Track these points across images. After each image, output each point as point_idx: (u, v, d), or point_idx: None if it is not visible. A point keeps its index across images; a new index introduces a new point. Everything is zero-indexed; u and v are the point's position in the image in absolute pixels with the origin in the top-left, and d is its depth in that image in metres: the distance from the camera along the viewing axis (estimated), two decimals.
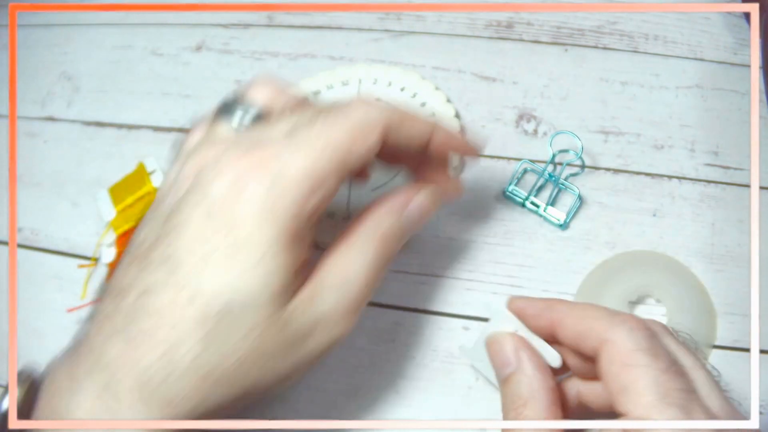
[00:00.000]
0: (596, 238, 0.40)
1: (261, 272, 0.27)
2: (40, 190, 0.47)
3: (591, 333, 0.28)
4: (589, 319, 0.28)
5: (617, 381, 0.26)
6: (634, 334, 0.27)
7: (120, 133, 0.49)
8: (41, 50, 0.54)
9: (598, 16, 0.48)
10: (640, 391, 0.25)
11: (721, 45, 0.46)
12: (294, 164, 0.28)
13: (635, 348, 0.26)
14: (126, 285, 0.28)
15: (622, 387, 0.26)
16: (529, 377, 0.29)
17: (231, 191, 0.28)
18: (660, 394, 0.25)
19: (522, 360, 0.29)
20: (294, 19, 0.52)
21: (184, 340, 0.26)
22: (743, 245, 0.39)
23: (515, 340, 0.30)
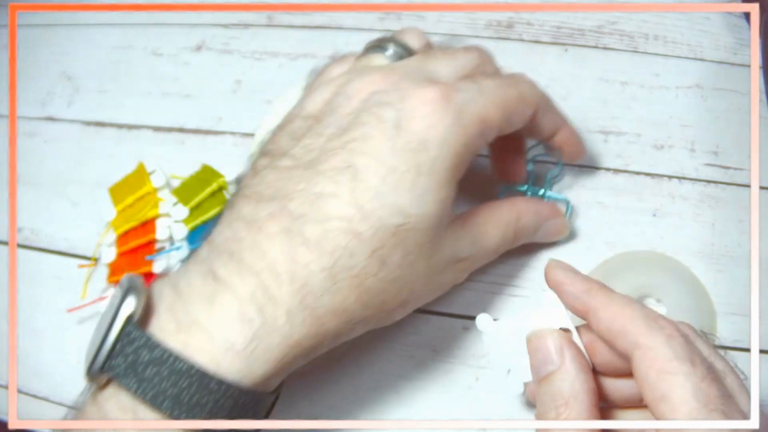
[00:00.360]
0: (596, 238, 0.40)
1: (438, 198, 0.29)
2: (40, 190, 0.47)
3: (626, 334, 0.27)
4: (626, 319, 0.27)
5: (656, 389, 0.25)
6: (671, 342, 0.26)
7: (120, 133, 0.49)
8: (41, 50, 0.54)
9: (598, 16, 0.48)
10: (681, 399, 0.25)
11: (721, 45, 0.46)
12: (475, 106, 0.30)
13: (673, 357, 0.25)
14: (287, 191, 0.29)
15: (662, 395, 0.25)
16: (572, 377, 0.27)
17: (418, 114, 0.29)
18: (701, 401, 0.24)
19: (566, 358, 0.28)
20: (294, 19, 0.52)
21: (355, 255, 0.28)
22: (743, 245, 0.39)
23: (560, 338, 0.28)
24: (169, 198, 0.43)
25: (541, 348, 0.28)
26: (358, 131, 0.29)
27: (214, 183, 0.43)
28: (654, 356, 0.26)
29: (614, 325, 0.27)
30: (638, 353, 0.26)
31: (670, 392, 0.25)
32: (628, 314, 0.27)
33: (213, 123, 0.48)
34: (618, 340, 0.27)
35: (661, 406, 0.25)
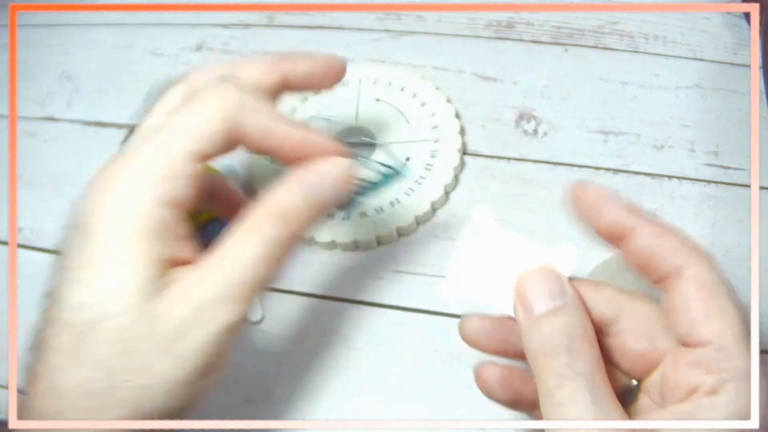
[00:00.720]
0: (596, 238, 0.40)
1: (118, 273, 0.26)
2: (40, 190, 0.47)
3: (676, 254, 0.26)
4: (675, 239, 0.26)
5: (708, 307, 0.25)
6: (713, 265, 0.26)
7: (120, 133, 0.49)
8: (41, 50, 0.54)
9: (598, 16, 0.48)
10: (731, 321, 0.24)
11: (721, 45, 0.46)
12: (141, 157, 0.28)
13: (720, 281, 0.25)
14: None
15: (711, 315, 0.25)
16: (581, 313, 0.26)
17: (90, 199, 0.28)
18: (743, 324, 0.25)
19: (574, 296, 0.26)
20: (294, 19, 0.52)
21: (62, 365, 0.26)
22: (743, 245, 0.39)
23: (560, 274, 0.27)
24: None
25: (546, 282, 0.27)
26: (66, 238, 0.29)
27: None
28: (705, 277, 0.25)
29: (665, 242, 0.26)
30: (691, 271, 0.25)
31: (721, 313, 0.24)
32: (675, 236, 0.26)
33: None
34: (666, 259, 0.26)
35: (711, 326, 0.24)
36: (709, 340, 0.24)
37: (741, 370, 0.24)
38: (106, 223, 0.26)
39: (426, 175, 0.42)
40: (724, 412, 0.24)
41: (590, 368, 0.25)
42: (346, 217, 0.41)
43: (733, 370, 0.24)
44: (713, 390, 0.24)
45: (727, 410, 0.24)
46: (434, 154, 0.43)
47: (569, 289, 0.27)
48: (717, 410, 0.24)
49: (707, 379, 0.24)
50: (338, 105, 0.46)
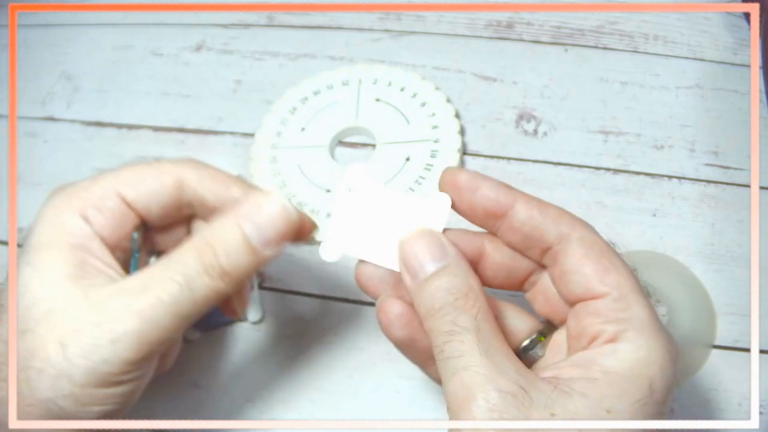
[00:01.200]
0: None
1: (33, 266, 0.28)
2: (40, 190, 0.47)
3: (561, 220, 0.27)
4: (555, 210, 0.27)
5: (600, 263, 0.26)
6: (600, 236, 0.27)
7: (120, 133, 0.49)
8: (41, 50, 0.54)
9: (598, 16, 0.48)
10: (624, 274, 0.25)
11: (721, 45, 0.46)
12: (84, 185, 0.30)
13: (608, 245, 0.27)
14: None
15: (606, 269, 0.25)
16: (465, 272, 0.26)
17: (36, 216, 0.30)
18: (638, 282, 0.25)
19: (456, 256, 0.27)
20: (294, 19, 0.52)
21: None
22: (743, 245, 0.39)
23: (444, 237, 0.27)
24: None
25: (427, 245, 0.27)
26: None
27: None
28: (594, 238, 0.26)
29: (549, 212, 0.27)
30: (577, 234, 0.26)
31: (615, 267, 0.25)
32: (554, 207, 0.27)
33: (213, 123, 0.48)
34: (552, 226, 0.27)
35: (607, 279, 0.25)
36: (606, 291, 0.25)
37: (640, 318, 0.24)
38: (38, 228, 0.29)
39: (426, 175, 0.42)
40: (624, 359, 0.24)
41: (475, 323, 0.25)
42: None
43: (632, 319, 0.24)
44: (613, 337, 0.25)
45: (626, 357, 0.24)
46: (434, 154, 0.43)
47: (450, 248, 0.27)
48: (617, 356, 0.24)
49: (607, 328, 0.25)
50: (338, 105, 0.46)
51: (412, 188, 0.42)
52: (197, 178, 0.30)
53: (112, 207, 0.29)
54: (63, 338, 0.26)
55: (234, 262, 0.27)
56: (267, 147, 0.45)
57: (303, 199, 0.43)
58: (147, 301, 0.26)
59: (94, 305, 0.27)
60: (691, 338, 0.35)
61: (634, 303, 0.25)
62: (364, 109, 0.46)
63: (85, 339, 0.26)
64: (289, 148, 0.45)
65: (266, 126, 0.46)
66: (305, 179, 0.43)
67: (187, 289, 0.27)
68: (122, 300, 0.27)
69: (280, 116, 0.46)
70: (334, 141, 0.45)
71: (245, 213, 0.28)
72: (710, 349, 0.36)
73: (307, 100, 0.47)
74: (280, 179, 0.44)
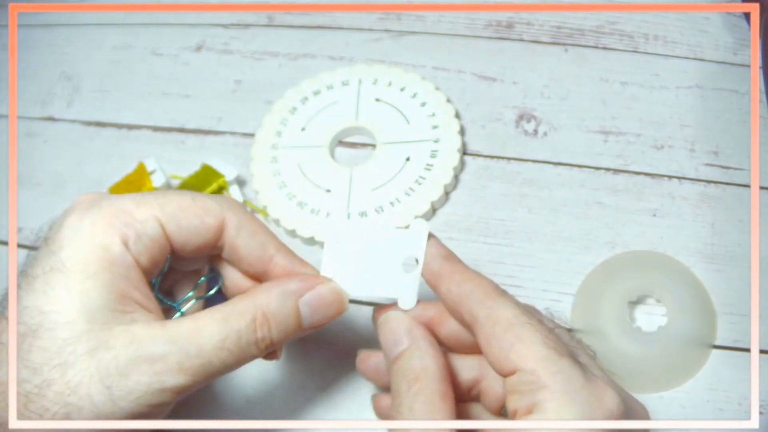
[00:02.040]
0: (596, 238, 0.40)
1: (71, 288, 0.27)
2: (40, 190, 0.47)
3: (473, 298, 0.27)
4: (474, 284, 0.28)
5: (504, 340, 0.26)
6: (516, 304, 0.27)
7: (120, 133, 0.49)
8: (41, 50, 0.54)
9: (598, 16, 0.48)
10: (530, 345, 0.25)
11: (721, 45, 0.46)
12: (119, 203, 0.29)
13: (520, 313, 0.26)
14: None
15: (510, 345, 0.26)
16: (421, 352, 0.28)
17: (58, 223, 0.29)
18: (550, 347, 0.25)
19: (415, 338, 0.28)
20: (294, 19, 0.52)
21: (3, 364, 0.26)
22: (743, 245, 0.39)
23: (408, 319, 0.29)
24: None
25: (392, 330, 0.29)
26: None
27: (214, 183, 0.43)
28: (500, 314, 0.26)
29: (462, 289, 0.28)
30: (484, 313, 0.27)
31: (519, 340, 0.25)
32: (477, 282, 0.28)
33: (213, 123, 0.48)
34: (464, 304, 0.28)
35: (511, 356, 0.25)
36: (512, 368, 0.25)
37: (551, 388, 0.24)
38: (70, 243, 0.27)
39: (426, 175, 0.42)
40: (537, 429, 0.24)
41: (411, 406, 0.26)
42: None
43: (542, 390, 0.24)
44: (528, 410, 0.25)
45: (539, 427, 0.24)
46: (434, 154, 0.43)
47: (415, 329, 0.29)
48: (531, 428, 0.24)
49: (521, 402, 0.25)
50: (338, 105, 0.46)
51: (412, 188, 0.42)
52: (237, 228, 0.30)
53: (153, 236, 0.29)
54: (108, 381, 0.26)
55: (282, 338, 0.29)
56: (267, 147, 0.45)
57: (303, 199, 0.43)
58: (199, 363, 0.27)
59: (143, 350, 0.26)
60: (691, 338, 0.35)
61: (543, 372, 0.25)
62: (364, 109, 0.46)
63: (132, 384, 0.26)
64: (289, 148, 0.45)
65: (266, 126, 0.46)
66: (305, 179, 0.43)
67: (239, 357, 0.28)
68: (175, 358, 0.27)
69: (280, 116, 0.46)
70: (334, 141, 0.45)
71: (306, 297, 0.30)
72: (710, 349, 0.36)
73: (307, 100, 0.47)
74: (280, 179, 0.44)
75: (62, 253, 0.27)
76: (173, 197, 0.30)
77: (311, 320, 0.30)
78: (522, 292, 0.39)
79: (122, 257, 0.28)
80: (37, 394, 0.25)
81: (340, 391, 0.37)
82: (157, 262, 0.29)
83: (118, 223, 0.28)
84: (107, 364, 0.26)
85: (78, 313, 0.26)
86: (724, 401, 0.35)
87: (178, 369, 0.27)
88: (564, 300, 0.38)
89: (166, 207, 0.29)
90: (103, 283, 0.27)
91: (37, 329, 0.26)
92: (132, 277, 0.28)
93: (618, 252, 0.39)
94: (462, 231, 0.41)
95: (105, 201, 0.29)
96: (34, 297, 0.27)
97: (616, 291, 0.37)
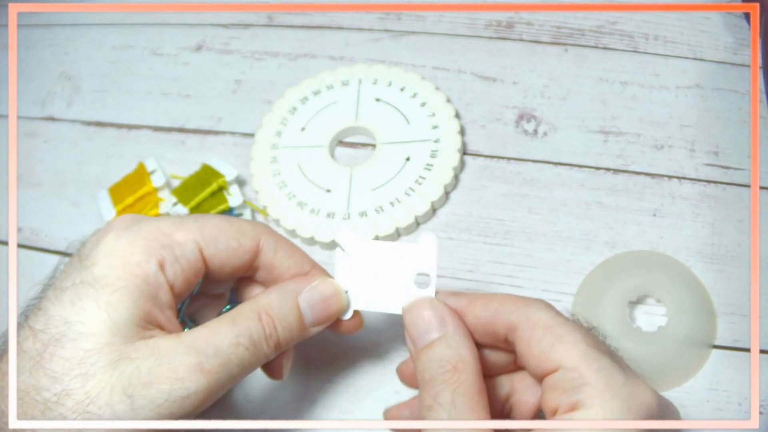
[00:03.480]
0: (596, 238, 0.40)
1: (99, 303, 0.27)
2: (40, 190, 0.47)
3: (506, 311, 0.28)
4: (501, 300, 0.28)
5: (545, 340, 0.26)
6: (549, 307, 0.28)
7: (120, 133, 0.49)
8: (41, 50, 0.54)
9: (598, 16, 0.48)
10: (572, 344, 0.26)
11: (721, 45, 0.46)
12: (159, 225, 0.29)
13: (556, 315, 0.27)
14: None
15: (551, 344, 0.26)
16: (457, 343, 0.28)
17: (96, 237, 0.29)
18: (590, 345, 0.26)
19: (449, 326, 0.28)
20: (294, 19, 0.52)
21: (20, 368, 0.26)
22: (743, 245, 0.39)
23: (441, 306, 0.29)
24: (169, 198, 0.43)
25: (423, 316, 0.29)
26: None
27: (214, 183, 0.43)
28: (538, 317, 0.27)
29: (491, 309, 0.28)
30: (521, 319, 0.27)
31: (560, 339, 0.26)
32: (500, 298, 0.29)
33: (213, 123, 0.48)
34: (499, 319, 0.28)
35: (552, 355, 0.26)
36: (556, 366, 0.26)
37: (593, 384, 0.25)
38: (104, 260, 0.28)
39: (426, 175, 0.42)
40: (581, 428, 0.24)
41: (451, 398, 0.26)
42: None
43: (585, 386, 0.25)
44: (571, 407, 0.25)
45: (583, 426, 0.24)
46: (434, 154, 0.43)
47: (450, 318, 0.29)
48: (574, 426, 0.24)
49: (564, 399, 0.25)
50: (338, 105, 0.46)
51: (412, 188, 0.42)
52: (274, 249, 0.31)
53: (191, 259, 0.29)
54: (130, 390, 0.26)
55: (287, 336, 0.30)
56: (267, 147, 0.45)
57: (303, 199, 0.43)
58: (218, 361, 0.27)
59: (162, 357, 0.27)
60: (691, 338, 0.35)
61: (586, 369, 0.25)
62: (364, 109, 0.46)
63: (155, 393, 0.26)
64: (289, 148, 0.45)
65: (266, 126, 0.46)
66: (305, 179, 0.43)
67: (254, 355, 0.29)
68: (195, 359, 0.27)
69: (280, 116, 0.46)
70: (334, 141, 0.45)
71: (304, 295, 0.30)
72: (710, 349, 0.36)
73: (307, 100, 0.47)
74: (280, 179, 0.44)
75: (95, 269, 0.27)
76: (212, 220, 0.30)
77: (313, 317, 0.31)
78: (522, 292, 0.39)
79: (155, 278, 0.28)
80: (56, 403, 0.26)
81: (340, 391, 0.37)
82: (191, 285, 0.30)
83: (156, 245, 0.28)
84: (129, 374, 0.26)
85: (103, 325, 0.26)
86: (724, 401, 0.35)
87: (199, 371, 0.27)
88: (564, 300, 0.38)
89: (205, 230, 0.30)
90: (131, 298, 0.27)
91: (60, 339, 0.26)
92: (161, 298, 0.28)
93: (618, 252, 0.39)
94: (462, 231, 0.41)
95: (144, 222, 0.29)
96: (61, 308, 0.27)
97: (616, 291, 0.37)
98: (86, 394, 0.26)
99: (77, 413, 0.25)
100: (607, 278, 0.38)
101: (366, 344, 0.38)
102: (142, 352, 0.27)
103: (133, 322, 0.27)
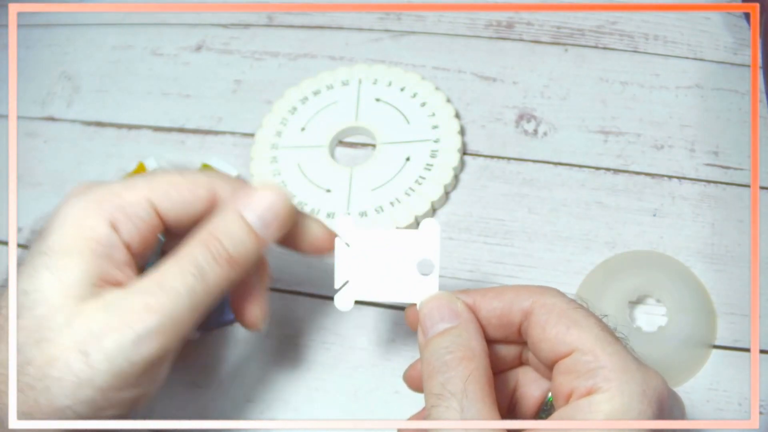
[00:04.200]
0: (596, 238, 0.40)
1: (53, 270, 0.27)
2: (40, 190, 0.47)
3: (518, 299, 0.28)
4: (513, 291, 0.28)
5: (560, 323, 0.26)
6: (562, 294, 0.28)
7: (120, 133, 0.49)
8: (41, 50, 0.54)
9: (598, 16, 0.48)
10: (586, 327, 0.26)
11: (721, 45, 0.46)
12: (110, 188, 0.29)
13: (570, 301, 0.27)
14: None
15: (566, 327, 0.26)
16: (471, 333, 0.28)
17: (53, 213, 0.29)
18: (605, 329, 0.26)
19: (467, 320, 0.28)
20: (294, 19, 0.52)
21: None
22: (743, 245, 0.39)
23: (458, 301, 0.29)
24: None
25: (439, 307, 0.28)
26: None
27: None
28: (552, 302, 0.27)
29: (505, 299, 0.28)
30: (536, 305, 0.27)
31: (576, 323, 0.26)
32: (513, 288, 0.29)
33: (213, 123, 0.48)
34: (514, 308, 0.28)
35: (567, 338, 0.26)
36: (570, 349, 0.26)
37: (609, 367, 0.25)
38: (59, 228, 0.28)
39: (426, 175, 0.42)
40: (599, 410, 0.24)
41: (464, 386, 0.26)
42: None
43: (601, 369, 0.25)
44: (587, 391, 0.25)
45: (601, 408, 0.24)
46: (434, 154, 0.43)
47: (464, 312, 0.28)
48: (592, 409, 0.24)
49: (580, 383, 0.25)
50: (338, 105, 0.46)
51: (412, 188, 0.42)
52: (231, 191, 0.30)
53: (144, 216, 0.29)
54: (83, 346, 0.26)
55: (239, 248, 0.28)
56: (267, 147, 0.45)
57: (303, 199, 0.43)
58: (165, 296, 0.27)
59: (112, 308, 0.26)
60: (691, 338, 0.35)
61: (601, 353, 0.25)
62: (364, 109, 0.46)
63: (107, 344, 0.26)
64: (289, 148, 0.45)
65: (266, 126, 0.46)
66: (305, 179, 0.43)
67: (201, 280, 0.27)
68: (140, 299, 0.26)
69: (280, 116, 0.46)
70: (334, 141, 0.45)
71: (243, 203, 0.29)
72: (710, 349, 0.36)
73: (307, 100, 0.47)
74: (280, 179, 0.44)
75: (50, 239, 0.28)
76: (162, 176, 0.30)
77: (264, 227, 0.29)
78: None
79: (107, 238, 0.28)
80: (21, 373, 0.26)
81: (340, 391, 0.37)
82: (150, 242, 0.29)
83: (108, 207, 0.28)
84: (83, 332, 0.26)
85: (54, 289, 0.26)
86: (724, 401, 0.35)
87: (145, 311, 0.26)
88: None
89: (155, 186, 0.29)
90: (83, 260, 0.27)
91: (19, 310, 0.26)
92: (116, 257, 0.28)
93: (618, 252, 0.39)
94: (462, 231, 0.41)
95: (96, 187, 0.29)
96: (20, 281, 0.27)
97: (616, 291, 0.37)
98: (46, 359, 0.26)
99: (39, 379, 0.25)
100: (607, 278, 0.38)
101: (366, 344, 0.38)
102: (92, 307, 0.26)
103: (85, 282, 0.27)
